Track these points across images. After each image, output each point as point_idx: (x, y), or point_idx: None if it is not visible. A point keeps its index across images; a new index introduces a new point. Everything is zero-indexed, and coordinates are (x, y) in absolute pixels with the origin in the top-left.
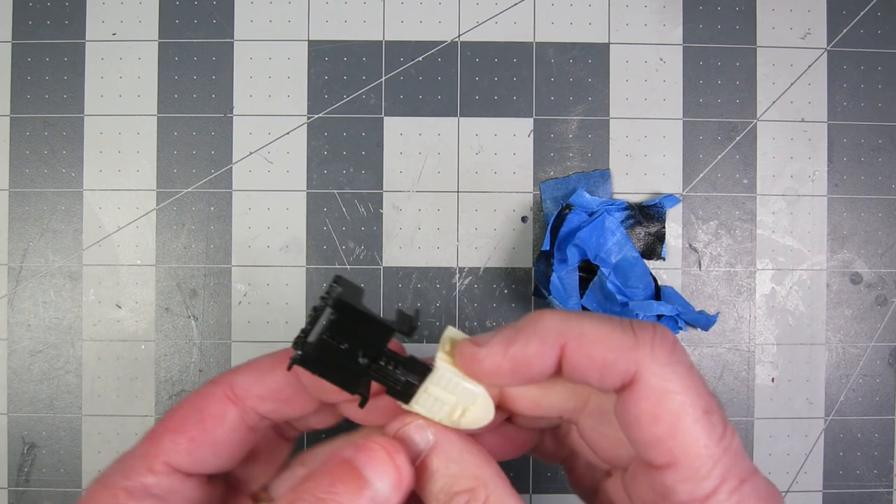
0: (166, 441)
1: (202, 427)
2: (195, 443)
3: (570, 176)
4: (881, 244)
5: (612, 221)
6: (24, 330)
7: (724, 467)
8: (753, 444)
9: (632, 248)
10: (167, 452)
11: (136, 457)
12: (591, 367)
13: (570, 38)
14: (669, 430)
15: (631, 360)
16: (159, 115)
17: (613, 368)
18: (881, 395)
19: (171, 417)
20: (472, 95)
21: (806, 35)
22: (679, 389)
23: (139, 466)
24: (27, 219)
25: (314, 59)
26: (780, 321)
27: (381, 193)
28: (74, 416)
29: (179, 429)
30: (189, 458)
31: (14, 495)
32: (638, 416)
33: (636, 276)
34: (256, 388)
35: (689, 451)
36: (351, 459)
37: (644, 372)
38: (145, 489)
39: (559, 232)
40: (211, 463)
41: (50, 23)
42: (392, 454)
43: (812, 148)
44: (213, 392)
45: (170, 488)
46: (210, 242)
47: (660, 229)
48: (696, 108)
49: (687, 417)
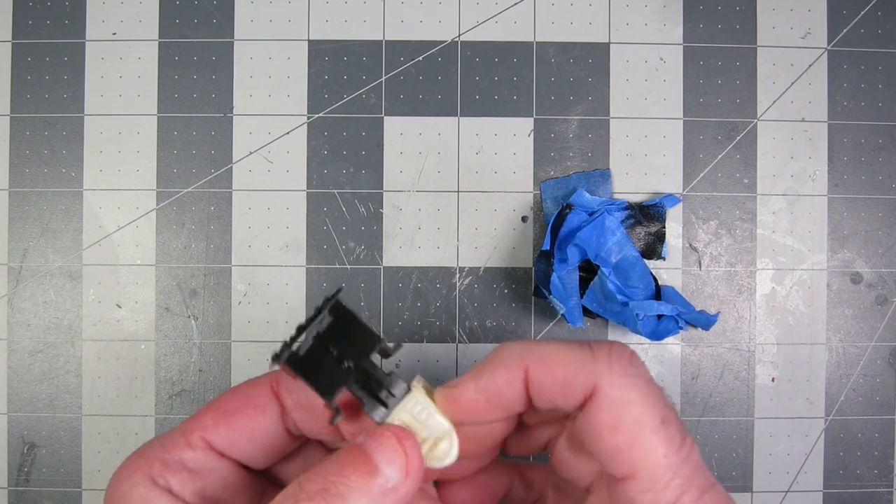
0: (208, 418)
1: (245, 412)
2: (234, 425)
3: (571, 175)
4: (881, 244)
5: (612, 221)
6: (24, 330)
7: (684, 478)
8: (753, 443)
9: (632, 247)
10: (206, 428)
11: (175, 433)
12: (555, 385)
13: (571, 38)
14: (628, 440)
15: (590, 374)
16: (159, 115)
17: (574, 384)
18: (881, 394)
19: (220, 398)
20: (472, 95)
21: (806, 35)
22: (637, 400)
23: (178, 441)
24: (27, 218)
25: (314, 58)
26: (781, 321)
27: (381, 193)
28: (74, 416)
29: (223, 409)
30: (226, 439)
31: (14, 495)
32: (598, 427)
33: (636, 276)
34: (297, 392)
35: (649, 460)
36: (362, 445)
37: (602, 383)
38: (181, 462)
39: (559, 232)
40: (246, 450)
41: (50, 22)
42: (402, 441)
43: (812, 148)
44: (261, 382)
45: (205, 464)
46: (210, 242)
47: (660, 229)
48: (696, 107)
49: (645, 428)
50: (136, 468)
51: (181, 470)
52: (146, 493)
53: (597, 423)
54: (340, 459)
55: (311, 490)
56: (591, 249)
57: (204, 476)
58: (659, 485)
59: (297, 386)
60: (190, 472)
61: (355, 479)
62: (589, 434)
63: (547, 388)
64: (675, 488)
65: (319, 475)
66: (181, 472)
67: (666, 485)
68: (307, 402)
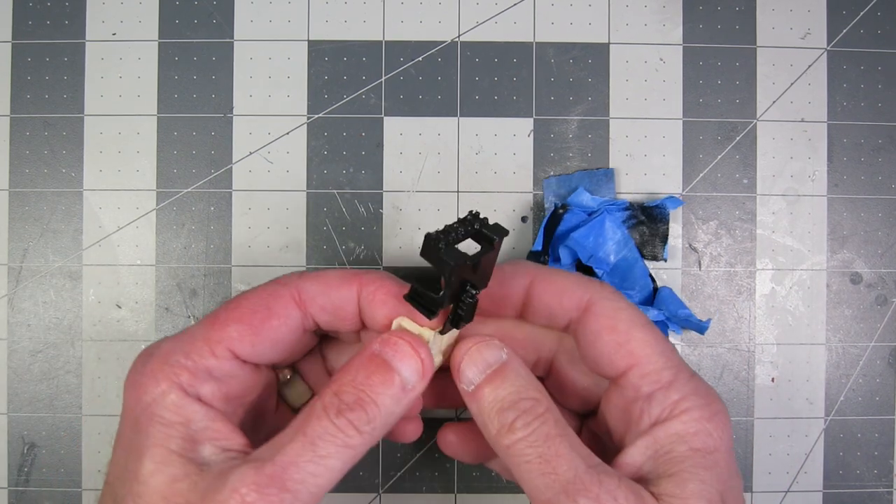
0: (232, 330)
1: (269, 323)
2: (259, 336)
3: (574, 174)
4: (881, 244)
5: (612, 221)
6: (24, 330)
7: (675, 362)
8: (753, 443)
9: (633, 248)
10: (232, 340)
11: (197, 339)
12: (554, 292)
13: (570, 38)
14: (626, 335)
15: (584, 289)
16: (159, 115)
17: (570, 294)
18: (881, 394)
19: (238, 307)
20: (472, 95)
21: (806, 35)
22: (625, 306)
23: (202, 349)
24: (27, 219)
25: (314, 59)
26: (780, 321)
27: (381, 193)
28: (74, 416)
29: (247, 320)
30: (251, 349)
31: (14, 495)
32: (598, 330)
33: (634, 277)
34: (321, 299)
35: (646, 348)
36: (380, 353)
37: (596, 297)
38: (207, 371)
39: (556, 231)
40: (268, 355)
41: (50, 23)
42: (416, 347)
43: (812, 148)
44: (281, 293)
45: (229, 372)
46: (210, 242)
47: (663, 230)
48: (695, 108)
49: (636, 325)
50: (162, 374)
51: (208, 378)
52: (179, 401)
53: (597, 327)
54: (366, 368)
55: (349, 400)
56: (586, 250)
57: (227, 382)
58: (658, 366)
59: (320, 291)
60: (215, 379)
61: (381, 386)
62: (591, 338)
63: (547, 294)
64: (671, 370)
65: (351, 385)
66: (209, 380)
67: (663, 367)
68: (332, 306)
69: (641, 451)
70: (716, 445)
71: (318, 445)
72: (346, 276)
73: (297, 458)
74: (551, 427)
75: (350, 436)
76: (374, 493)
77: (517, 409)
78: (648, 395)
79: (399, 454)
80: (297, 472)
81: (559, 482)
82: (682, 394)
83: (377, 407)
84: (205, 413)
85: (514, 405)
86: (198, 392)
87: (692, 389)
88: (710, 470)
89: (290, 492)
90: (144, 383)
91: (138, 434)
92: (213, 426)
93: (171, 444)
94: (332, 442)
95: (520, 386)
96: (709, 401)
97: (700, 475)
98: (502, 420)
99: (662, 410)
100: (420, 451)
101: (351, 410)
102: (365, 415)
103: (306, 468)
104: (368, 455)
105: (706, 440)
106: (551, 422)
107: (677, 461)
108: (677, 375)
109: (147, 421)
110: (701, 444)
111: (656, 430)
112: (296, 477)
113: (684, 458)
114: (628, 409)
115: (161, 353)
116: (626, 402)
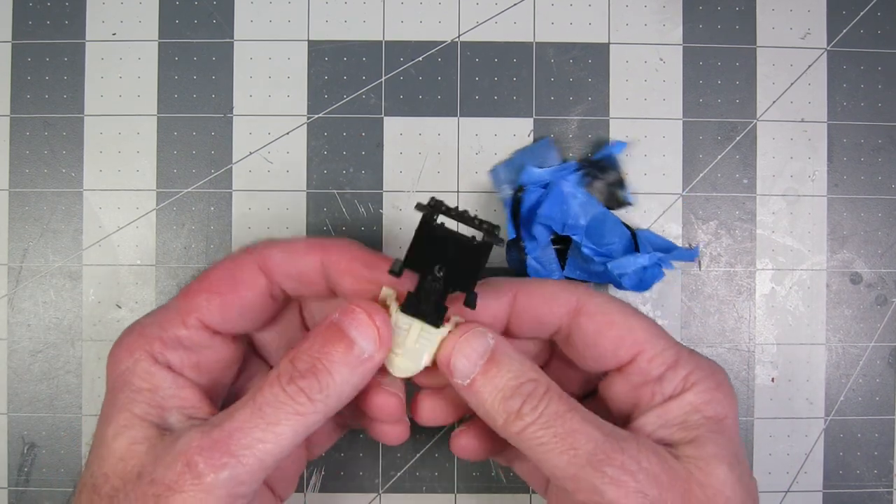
0: (202, 300)
1: (235, 291)
2: (227, 304)
3: (514, 156)
4: (881, 244)
5: (568, 186)
6: (24, 330)
7: (673, 341)
8: (753, 443)
9: (596, 204)
10: (200, 310)
11: (170, 310)
12: (542, 302)
13: (570, 38)
14: (626, 326)
15: (571, 293)
16: (159, 115)
17: (558, 299)
18: (881, 395)
19: (206, 278)
20: (472, 95)
21: (806, 35)
22: (615, 301)
23: (174, 320)
24: (27, 219)
25: (314, 59)
26: (780, 321)
27: (381, 193)
28: (74, 416)
29: (214, 290)
30: (220, 318)
31: (14, 495)
32: (597, 328)
33: (609, 230)
34: (287, 266)
35: (648, 334)
36: (338, 322)
37: (584, 298)
38: (178, 340)
39: (521, 214)
40: (238, 324)
41: (50, 23)
42: (372, 315)
43: (812, 148)
44: (246, 261)
45: (199, 342)
46: (210, 242)
47: (616, 177)
48: (695, 108)
49: (631, 314)
50: (137, 345)
51: (178, 347)
52: (149, 368)
53: (595, 325)
54: (323, 337)
55: (302, 368)
56: (557, 221)
57: (198, 352)
58: (662, 347)
59: (285, 259)
60: (186, 348)
61: (337, 354)
62: (591, 337)
63: (534, 304)
64: (672, 349)
65: (306, 353)
66: (178, 349)
67: (665, 348)
68: (297, 273)
69: (653, 421)
70: (725, 412)
71: (265, 412)
72: (311, 244)
73: (244, 424)
74: (559, 404)
75: (301, 403)
76: (374, 493)
77: (521, 394)
78: (658, 376)
79: (399, 454)
80: (244, 437)
81: (581, 456)
82: (688, 369)
83: (331, 375)
84: (172, 380)
85: (516, 391)
86: (167, 360)
87: (695, 364)
88: (723, 434)
89: (234, 456)
90: (121, 355)
91: (110, 402)
92: (180, 394)
93: (135, 409)
94: (282, 409)
95: (516, 370)
96: (711, 371)
97: (715, 439)
98: (508, 409)
99: (675, 388)
100: (420, 451)
101: (303, 378)
102: (317, 383)
103: (253, 434)
104: (368, 455)
105: (717, 408)
106: (557, 398)
107: (692, 427)
108: (679, 353)
109: (119, 389)
110: (713, 413)
111: (669, 403)
112: (242, 442)
113: (699, 425)
114: (636, 392)
115: (139, 325)
116: (633, 386)
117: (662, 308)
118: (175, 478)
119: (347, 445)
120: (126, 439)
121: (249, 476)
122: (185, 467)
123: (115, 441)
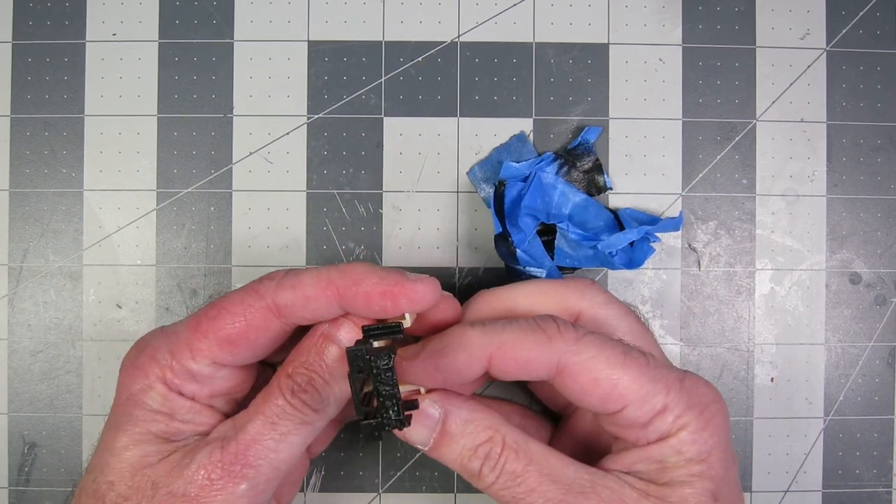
0: (212, 341)
1: (247, 336)
2: (238, 347)
3: (490, 155)
4: (880, 244)
5: (547, 177)
6: (24, 330)
7: (662, 380)
8: (752, 443)
9: (576, 192)
10: (211, 351)
11: (182, 341)
12: (518, 368)
13: (570, 39)
14: (610, 384)
15: (551, 352)
16: (159, 116)
17: (537, 364)
18: (880, 394)
19: (218, 318)
20: (471, 95)
21: (805, 35)
22: (597, 353)
23: (184, 353)
24: (27, 219)
25: (314, 59)
26: (780, 321)
27: (381, 193)
28: (75, 416)
29: (225, 334)
30: (231, 358)
31: (14, 495)
32: (582, 388)
33: (593, 216)
34: (300, 310)
35: (632, 386)
36: (328, 333)
37: (564, 358)
38: (189, 373)
39: (505, 209)
40: (250, 360)
41: (50, 23)
42: (358, 325)
43: (811, 148)
44: (258, 306)
45: (211, 375)
46: (210, 242)
47: (593, 163)
48: (695, 108)
49: (616, 365)
50: (150, 370)
51: (189, 379)
52: (165, 394)
53: (579, 387)
54: (316, 348)
55: (301, 382)
56: (541, 211)
57: (210, 383)
58: (648, 397)
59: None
60: (198, 381)
61: (332, 366)
62: (575, 396)
63: (512, 370)
64: (661, 393)
65: (303, 367)
66: (191, 381)
67: (655, 392)
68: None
69: (632, 458)
70: (709, 450)
71: (277, 424)
72: (322, 282)
73: (258, 437)
74: (515, 462)
75: (307, 414)
76: (374, 493)
77: (478, 457)
78: (645, 423)
79: (399, 454)
80: (260, 449)
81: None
82: (676, 413)
83: (329, 385)
84: (189, 406)
85: (472, 455)
86: (181, 389)
87: (685, 405)
88: (703, 474)
89: (252, 467)
90: (135, 374)
91: (122, 414)
92: (196, 419)
93: (151, 427)
94: (291, 420)
95: (470, 433)
96: (702, 409)
97: (692, 482)
98: (470, 471)
99: (661, 433)
100: (420, 451)
101: (304, 392)
102: (318, 395)
103: (267, 445)
104: (368, 455)
105: (700, 449)
106: (514, 456)
107: (671, 469)
108: (668, 394)
109: (134, 405)
110: (695, 454)
111: (650, 446)
112: (258, 454)
113: (678, 467)
114: (620, 430)
115: (151, 349)
116: (619, 428)
117: (662, 308)
118: (198, 491)
119: (347, 445)
120: (139, 451)
121: (267, 484)
122: (207, 480)
123: (125, 451)
